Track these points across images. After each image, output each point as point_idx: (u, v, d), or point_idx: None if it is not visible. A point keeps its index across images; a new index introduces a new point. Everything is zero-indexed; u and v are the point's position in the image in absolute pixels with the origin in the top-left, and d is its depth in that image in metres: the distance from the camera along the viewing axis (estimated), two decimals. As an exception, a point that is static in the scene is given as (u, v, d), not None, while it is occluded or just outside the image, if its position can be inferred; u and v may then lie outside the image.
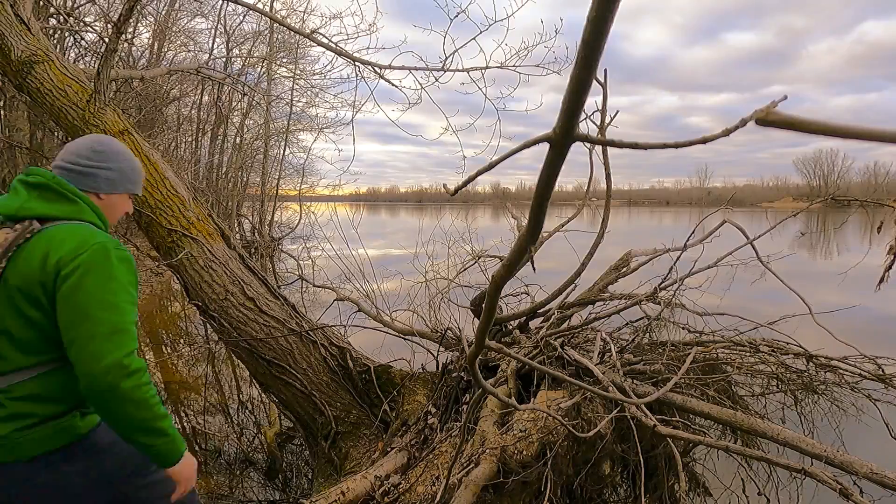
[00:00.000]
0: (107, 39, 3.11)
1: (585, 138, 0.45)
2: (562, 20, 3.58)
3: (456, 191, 0.64)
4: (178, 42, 13.41)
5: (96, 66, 2.78)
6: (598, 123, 2.53)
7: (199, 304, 2.60)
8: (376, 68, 3.97)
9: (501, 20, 3.56)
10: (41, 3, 6.91)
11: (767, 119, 0.36)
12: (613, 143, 0.49)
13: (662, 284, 2.48)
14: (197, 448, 3.16)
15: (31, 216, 1.19)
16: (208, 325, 2.77)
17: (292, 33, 10.95)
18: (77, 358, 1.12)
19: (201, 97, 14.44)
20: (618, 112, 2.58)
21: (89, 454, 1.24)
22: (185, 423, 3.54)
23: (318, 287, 3.97)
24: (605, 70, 2.46)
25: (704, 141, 0.45)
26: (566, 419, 1.85)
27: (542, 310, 2.78)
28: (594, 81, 0.47)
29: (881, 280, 1.69)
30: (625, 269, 2.79)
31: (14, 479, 1.17)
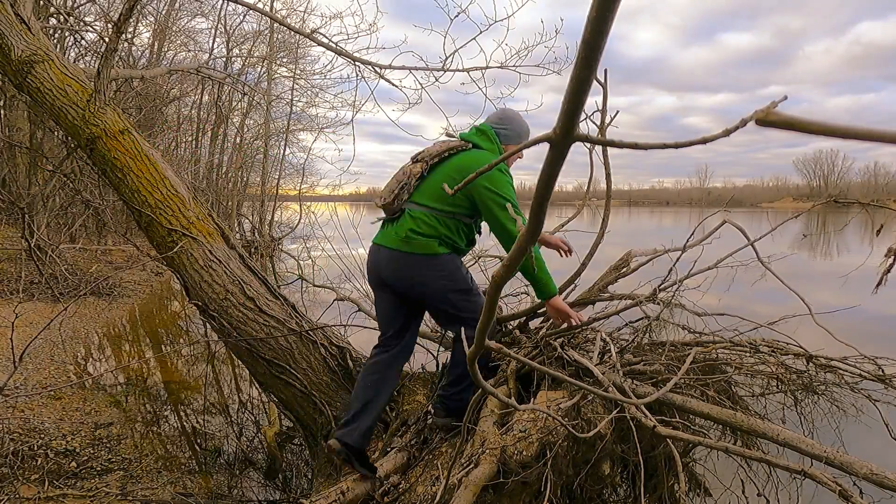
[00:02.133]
0: (107, 39, 3.11)
1: (585, 138, 0.45)
2: (562, 20, 3.59)
3: (456, 191, 0.64)
4: (178, 42, 13.44)
5: (96, 65, 2.78)
6: (599, 123, 2.53)
7: (199, 303, 2.60)
8: (376, 68, 3.98)
9: (501, 20, 3.57)
10: (41, 2, 6.91)
11: (767, 119, 0.36)
12: (613, 143, 0.49)
13: (662, 285, 2.48)
14: (197, 448, 3.16)
15: (469, 141, 2.22)
16: (208, 325, 2.77)
17: (292, 33, 10.95)
18: (496, 230, 2.12)
19: (201, 97, 14.45)
20: (618, 112, 2.58)
21: (441, 266, 2.14)
22: (184, 423, 3.54)
23: (318, 287, 3.96)
24: (606, 70, 2.47)
25: (704, 141, 0.45)
26: (566, 419, 1.85)
27: (541, 310, 2.78)
28: (594, 81, 0.47)
29: (878, 283, 1.68)
30: (625, 269, 2.78)
31: (408, 263, 2.14)
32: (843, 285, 2.73)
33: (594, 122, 2.55)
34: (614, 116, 2.55)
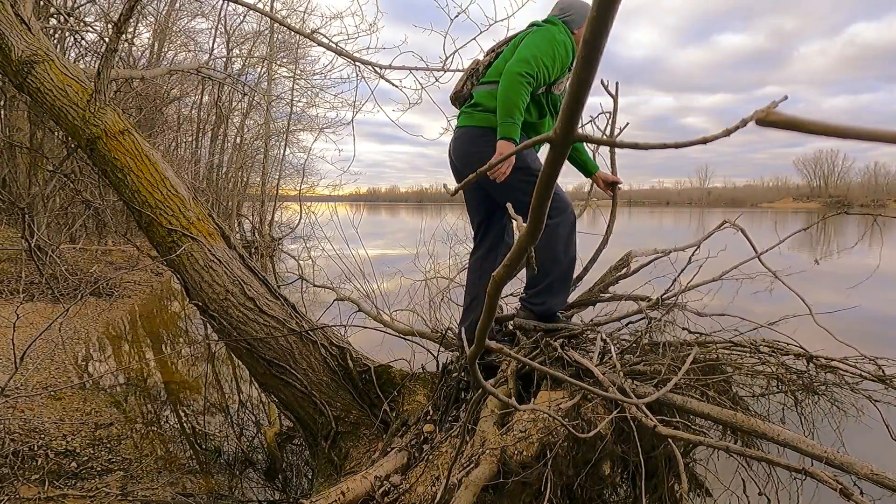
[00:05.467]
0: (107, 39, 3.11)
1: (586, 138, 0.45)
2: (562, 20, 3.58)
3: (456, 191, 0.64)
4: (179, 42, 13.44)
5: (97, 65, 2.78)
6: (608, 132, 2.56)
7: (200, 303, 2.60)
8: (376, 68, 3.98)
9: (501, 20, 3.57)
10: (42, 2, 6.91)
11: (768, 119, 0.36)
12: (614, 143, 0.49)
13: (665, 296, 2.49)
14: (197, 448, 3.16)
15: (534, 24, 2.28)
16: (208, 325, 2.77)
17: (293, 33, 10.95)
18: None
19: (201, 97, 14.46)
20: (627, 124, 2.69)
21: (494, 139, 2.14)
22: (184, 423, 3.54)
23: (318, 287, 3.97)
24: (617, 84, 2.62)
25: (705, 141, 0.45)
26: (566, 420, 1.85)
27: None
28: (617, 91, 0.47)
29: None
30: (625, 269, 2.78)
31: (470, 136, 2.28)
32: (843, 284, 2.73)
33: (598, 128, 2.59)
34: (624, 127, 2.60)
